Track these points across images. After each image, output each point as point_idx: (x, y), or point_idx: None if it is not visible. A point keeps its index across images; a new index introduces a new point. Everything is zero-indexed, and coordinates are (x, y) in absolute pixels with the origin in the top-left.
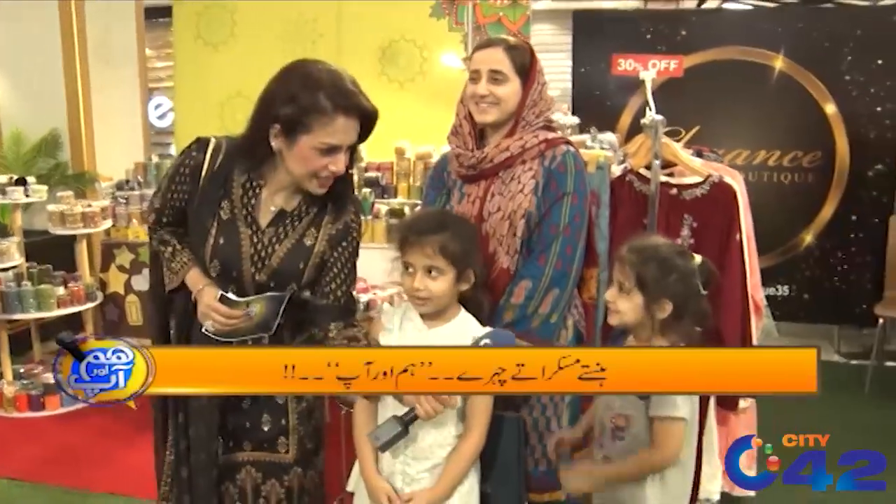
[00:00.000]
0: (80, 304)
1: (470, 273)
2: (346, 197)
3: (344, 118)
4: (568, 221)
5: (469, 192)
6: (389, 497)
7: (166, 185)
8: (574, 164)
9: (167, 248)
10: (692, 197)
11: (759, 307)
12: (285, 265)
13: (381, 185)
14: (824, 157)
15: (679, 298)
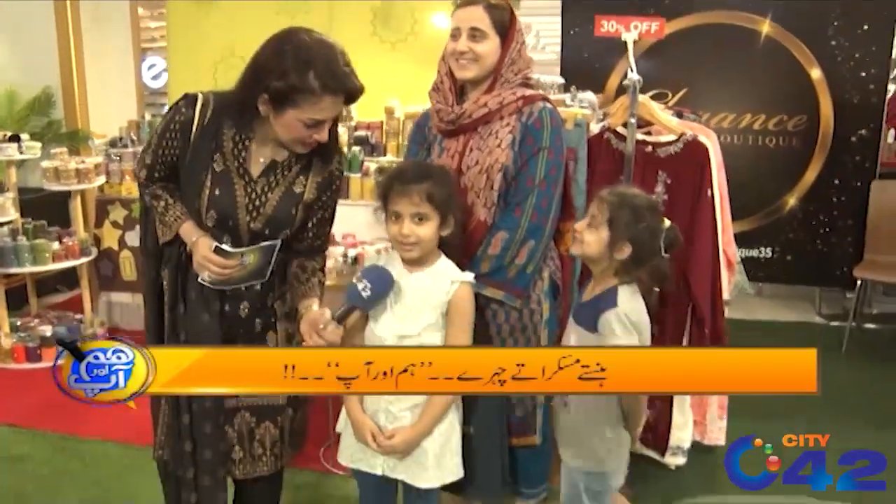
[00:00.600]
0: (74, 258)
1: (451, 219)
2: (331, 149)
3: (331, 97)
4: (543, 175)
5: (448, 147)
6: (373, 433)
7: (157, 140)
8: (550, 119)
9: (160, 203)
10: (666, 154)
11: (731, 263)
12: (278, 212)
13: (371, 143)
14: (809, 122)
15: (639, 246)
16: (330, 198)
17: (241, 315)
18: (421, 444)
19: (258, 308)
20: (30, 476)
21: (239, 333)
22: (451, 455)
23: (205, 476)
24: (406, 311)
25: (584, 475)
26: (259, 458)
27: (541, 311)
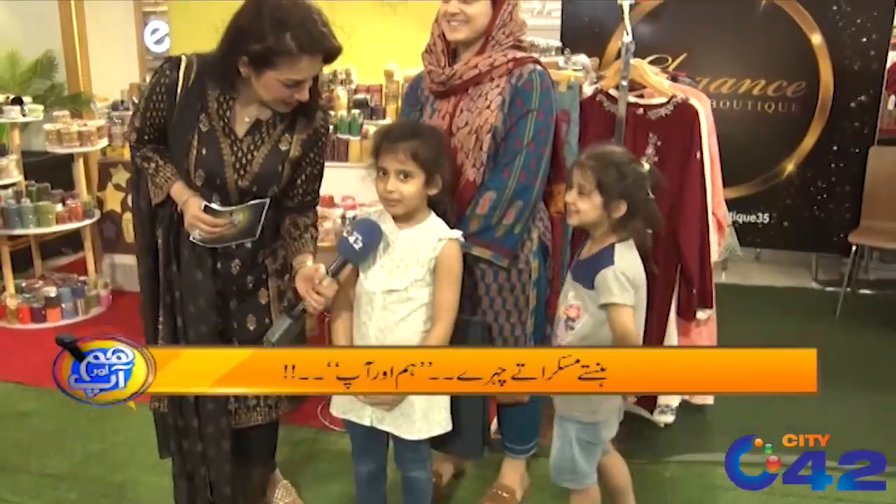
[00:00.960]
0: (78, 220)
1: (438, 178)
2: (314, 106)
3: (309, 58)
4: (532, 136)
5: (440, 108)
6: None
7: (144, 104)
8: (540, 82)
9: (150, 165)
10: (657, 116)
11: (721, 225)
12: (265, 170)
13: (370, 106)
14: (808, 87)
15: (632, 199)
16: (317, 154)
17: (232, 272)
18: (408, 398)
19: (249, 265)
20: (36, 431)
21: (231, 291)
22: (438, 409)
23: (209, 425)
24: (394, 266)
25: (575, 425)
26: (253, 408)
27: (529, 270)
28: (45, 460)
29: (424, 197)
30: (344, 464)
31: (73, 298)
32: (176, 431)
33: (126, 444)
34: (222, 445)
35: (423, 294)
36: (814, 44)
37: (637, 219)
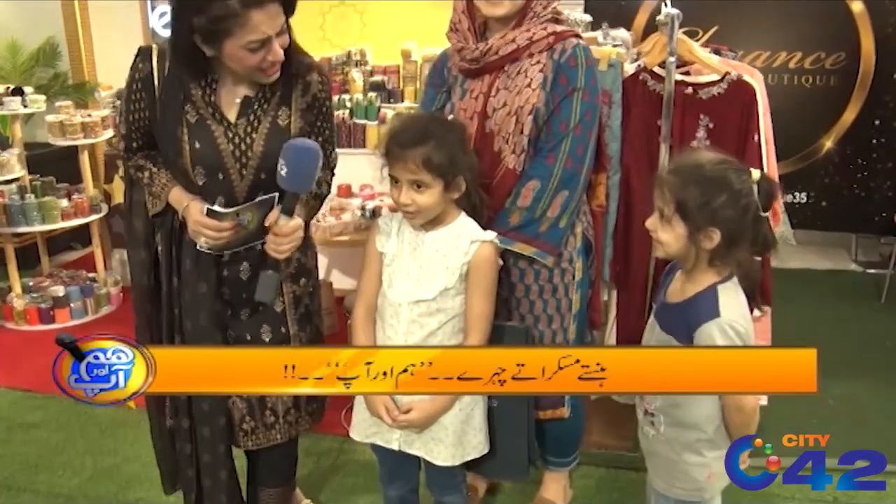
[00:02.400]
0: (84, 216)
1: (460, 181)
2: (305, 66)
3: (259, 11)
4: (579, 119)
5: (472, 88)
6: (388, 407)
7: (124, 106)
8: (585, 57)
9: (145, 174)
10: (709, 96)
11: (776, 212)
12: (268, 151)
13: (388, 89)
14: (848, 59)
15: (729, 225)
16: (323, 122)
17: (241, 278)
18: (440, 420)
19: (260, 270)
20: (44, 444)
21: (242, 299)
22: (474, 432)
23: (205, 454)
24: (421, 273)
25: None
26: (272, 426)
27: (573, 270)
28: (54, 478)
29: (447, 202)
30: (371, 477)
31: (82, 297)
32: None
33: (140, 458)
34: (220, 475)
35: (454, 304)
36: (854, 12)
37: (741, 248)
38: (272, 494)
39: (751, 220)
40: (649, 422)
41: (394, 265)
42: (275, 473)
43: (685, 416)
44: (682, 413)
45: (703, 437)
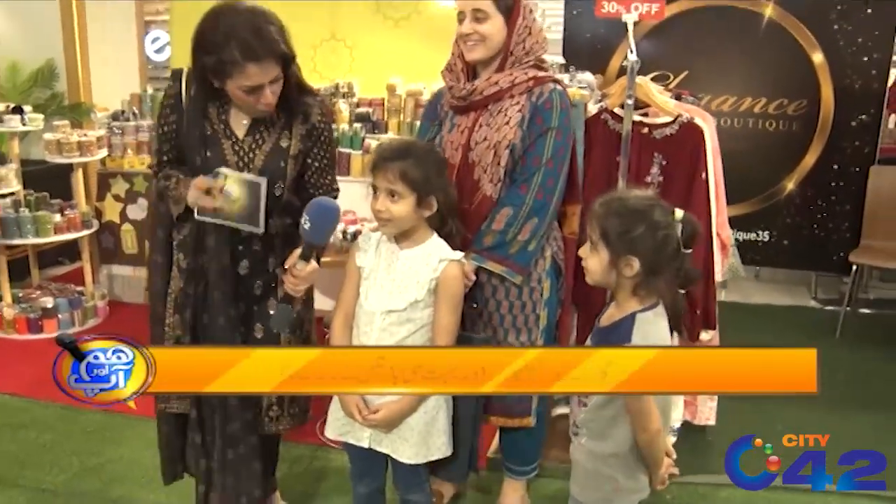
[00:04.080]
0: (76, 231)
1: (431, 200)
2: (302, 101)
3: (255, 65)
4: (551, 155)
5: (459, 123)
6: (359, 407)
7: (157, 121)
8: (560, 101)
9: (171, 181)
10: (662, 136)
11: (725, 245)
12: (268, 166)
13: (372, 120)
14: (809, 106)
15: (648, 255)
16: (322, 149)
17: (240, 272)
18: (406, 420)
19: (259, 270)
20: (32, 443)
21: (239, 293)
22: (438, 434)
23: (234, 422)
24: (394, 286)
25: None
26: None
27: (541, 289)
28: (41, 474)
29: (420, 218)
30: (343, 482)
31: (70, 309)
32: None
33: (123, 459)
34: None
35: (422, 315)
36: (815, 62)
37: (663, 277)
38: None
39: (670, 254)
40: (574, 432)
41: (370, 278)
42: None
43: (603, 431)
44: (601, 428)
45: (617, 453)
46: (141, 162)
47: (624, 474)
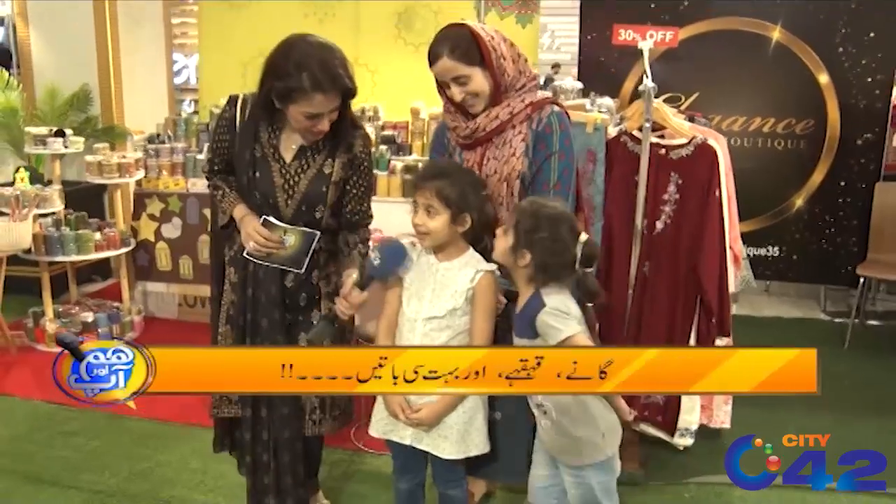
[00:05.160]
0: (115, 248)
1: (466, 217)
2: (351, 133)
3: (322, 95)
4: (558, 178)
5: (467, 158)
6: (402, 407)
7: (211, 137)
8: (559, 124)
9: (219, 192)
10: (678, 157)
11: (738, 258)
12: (311, 190)
13: (397, 143)
14: (816, 125)
15: (540, 255)
16: (361, 177)
17: (286, 285)
18: (446, 420)
19: (303, 282)
20: (83, 449)
21: (286, 304)
22: (476, 432)
23: (284, 430)
24: (433, 295)
25: (592, 470)
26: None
27: None
28: (95, 477)
29: (455, 233)
30: (379, 484)
31: (108, 324)
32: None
33: (171, 463)
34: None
35: (460, 322)
36: (821, 83)
37: (554, 279)
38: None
39: (563, 263)
40: (542, 413)
41: (411, 288)
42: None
43: (565, 398)
44: (562, 397)
45: (585, 409)
46: (175, 183)
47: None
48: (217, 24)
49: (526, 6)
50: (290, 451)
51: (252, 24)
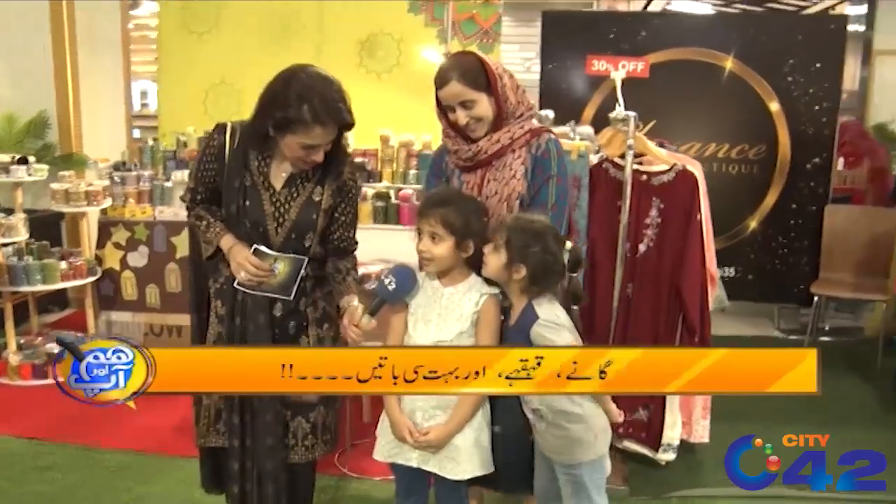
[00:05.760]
0: (82, 278)
1: (469, 243)
2: (341, 161)
3: (321, 127)
4: (555, 200)
5: (467, 180)
6: (410, 430)
7: (196, 166)
8: (556, 150)
9: (202, 223)
10: (660, 182)
11: (713, 278)
12: (301, 218)
13: (367, 170)
14: (768, 151)
15: (534, 267)
16: (348, 204)
17: (276, 315)
18: (453, 441)
19: (292, 311)
20: (60, 484)
21: (275, 333)
22: (481, 450)
23: (268, 461)
24: (440, 319)
25: (584, 468)
26: (291, 448)
27: None
28: None
29: (458, 258)
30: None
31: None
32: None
33: (151, 496)
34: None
35: (466, 344)
36: (772, 111)
37: (547, 287)
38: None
39: (555, 272)
40: (539, 417)
41: (417, 313)
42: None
43: (558, 401)
44: (555, 401)
45: (579, 411)
46: (142, 211)
47: (593, 417)
48: (177, 51)
49: (487, 35)
50: (274, 481)
51: (213, 51)
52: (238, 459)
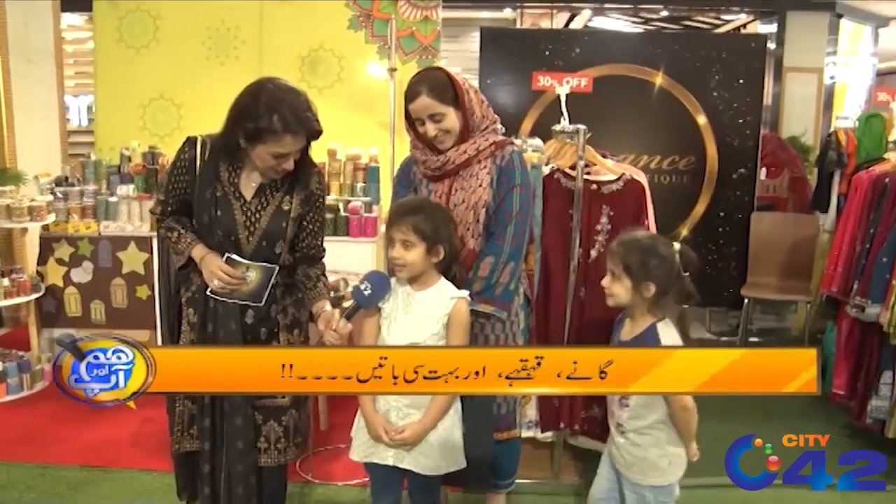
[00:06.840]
0: (25, 294)
1: (439, 248)
2: (308, 171)
3: (291, 136)
4: (519, 208)
5: (435, 189)
6: (385, 428)
7: (167, 179)
8: (519, 161)
9: (173, 234)
10: (609, 191)
11: None
12: (271, 226)
13: None
14: (697, 162)
15: (661, 280)
16: (315, 213)
17: (247, 321)
18: (426, 438)
19: (263, 317)
20: (18, 502)
21: (246, 339)
22: (453, 448)
23: (238, 464)
24: (413, 323)
25: (651, 490)
26: (264, 451)
27: (518, 321)
28: None
29: (430, 264)
30: None
31: (19, 373)
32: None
33: None
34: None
35: (439, 346)
36: (700, 124)
37: (670, 297)
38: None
39: (675, 277)
40: (620, 432)
41: (390, 318)
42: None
43: (644, 423)
44: (642, 421)
45: (660, 437)
46: (87, 226)
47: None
48: (114, 65)
49: (426, 51)
50: (245, 484)
51: (152, 65)
52: (209, 462)
